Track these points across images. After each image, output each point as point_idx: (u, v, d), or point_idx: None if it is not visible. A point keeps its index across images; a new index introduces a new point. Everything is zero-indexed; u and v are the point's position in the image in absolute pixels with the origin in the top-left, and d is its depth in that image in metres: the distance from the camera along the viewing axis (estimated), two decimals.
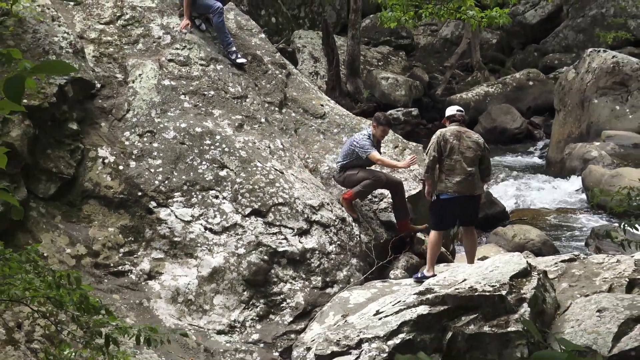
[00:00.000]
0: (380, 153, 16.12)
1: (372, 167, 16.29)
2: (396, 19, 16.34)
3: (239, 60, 17.30)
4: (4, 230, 13.66)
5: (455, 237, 16.99)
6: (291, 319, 14.51)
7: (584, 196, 22.97)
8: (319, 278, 14.94)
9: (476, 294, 12.93)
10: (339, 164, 16.18)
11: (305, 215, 15.35)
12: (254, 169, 15.65)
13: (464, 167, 14.96)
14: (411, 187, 16.85)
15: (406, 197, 16.66)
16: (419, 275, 14.68)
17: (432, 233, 15.34)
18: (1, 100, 4.63)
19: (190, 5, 17.34)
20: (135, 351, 11.33)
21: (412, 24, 18.52)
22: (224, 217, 15.11)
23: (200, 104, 16.32)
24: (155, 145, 15.58)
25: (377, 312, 13.38)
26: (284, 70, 18.51)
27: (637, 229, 12.83)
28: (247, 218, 15.14)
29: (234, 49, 17.31)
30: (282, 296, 14.67)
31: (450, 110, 15.72)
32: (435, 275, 14.29)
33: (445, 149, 14.99)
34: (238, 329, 14.28)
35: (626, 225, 12.67)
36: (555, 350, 3.59)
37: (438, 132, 15.29)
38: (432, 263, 14.93)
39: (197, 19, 17.66)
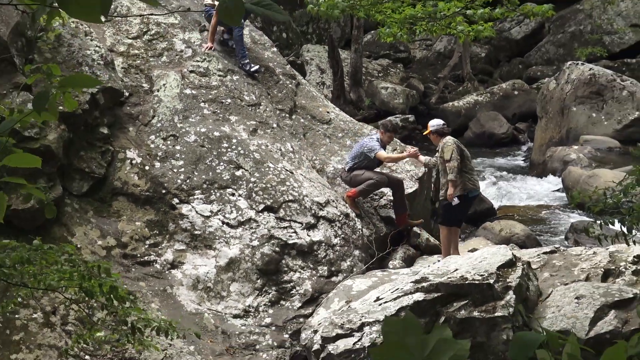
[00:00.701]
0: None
1: (377, 169, 16.27)
2: (392, 34, 16.29)
3: (253, 69, 17.27)
4: (41, 224, 13.66)
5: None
6: (300, 304, 14.50)
7: (563, 195, 22.96)
8: (325, 268, 14.93)
9: (466, 282, 12.97)
10: (348, 165, 16.15)
11: (313, 211, 15.35)
12: (267, 169, 15.65)
13: (474, 168, 15.35)
14: (408, 186, 16.80)
15: (413, 191, 16.69)
16: None
17: (448, 229, 15.49)
18: (33, 112, 4.62)
19: (218, 23, 17.33)
20: (159, 335, 11.33)
21: (407, 39, 18.42)
22: (240, 212, 15.11)
23: (218, 111, 16.32)
24: (178, 147, 15.58)
25: (378, 299, 13.38)
26: (293, 81, 18.49)
27: (613, 225, 12.83)
28: (260, 213, 15.14)
29: (247, 60, 17.27)
30: (291, 284, 14.66)
31: (437, 124, 15.83)
32: None
33: (462, 153, 15.20)
34: (252, 314, 14.27)
35: (603, 222, 12.66)
36: (537, 331, 3.56)
37: (451, 140, 15.44)
38: (447, 254, 15.16)
39: (224, 33, 17.64)
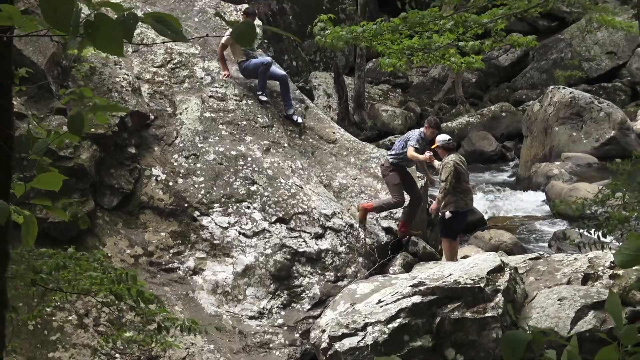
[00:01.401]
0: (427, 151, 16.04)
1: (407, 179, 16.18)
2: (392, 64, 16.30)
3: (263, 99, 17.25)
4: (75, 235, 13.68)
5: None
6: (309, 306, 14.49)
7: (547, 206, 22.92)
8: (332, 273, 14.92)
9: (460, 286, 13.02)
10: (391, 157, 16.18)
11: (321, 222, 15.34)
12: (279, 184, 15.65)
13: (470, 187, 15.41)
14: (407, 200, 16.79)
15: (402, 207, 16.64)
16: None
17: (449, 241, 15.63)
18: (66, 133, 4.61)
19: (243, 71, 17.31)
20: (182, 334, 11.33)
21: (405, 68, 18.45)
22: (255, 223, 15.10)
23: (235, 132, 16.32)
24: (199, 165, 15.59)
25: (379, 301, 13.38)
26: (302, 104, 18.47)
27: (590, 233, 12.83)
28: (273, 224, 15.14)
29: (260, 92, 17.23)
30: (301, 288, 14.65)
31: (443, 140, 15.86)
32: None
33: (460, 175, 15.27)
34: (266, 315, 14.26)
35: (581, 228, 12.65)
36: (524, 331, 3.57)
37: (451, 162, 15.52)
38: (451, 259, 15.24)
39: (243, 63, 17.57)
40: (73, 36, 3.08)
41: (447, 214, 15.55)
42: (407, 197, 16.16)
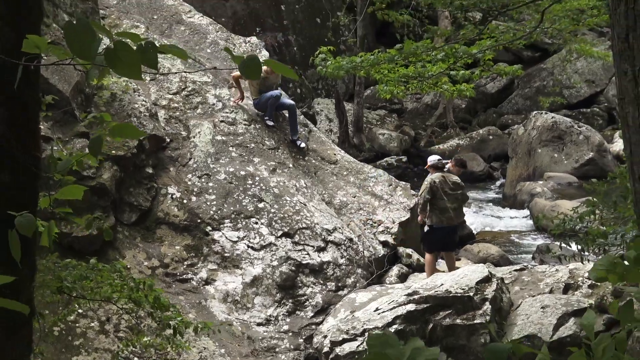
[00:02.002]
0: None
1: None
2: (390, 91, 16.33)
3: (270, 123, 17.24)
4: (98, 248, 13.69)
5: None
6: (312, 314, 14.48)
7: (531, 222, 22.90)
8: (333, 283, 14.91)
9: (450, 295, 13.03)
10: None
11: (323, 237, 15.34)
12: (284, 202, 15.66)
13: (448, 205, 15.22)
14: (402, 216, 16.79)
15: (398, 222, 16.62)
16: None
17: (428, 255, 15.51)
18: (85, 153, 4.62)
19: (256, 106, 17.29)
20: (196, 338, 11.33)
21: (402, 95, 18.48)
22: (262, 238, 15.11)
23: (244, 154, 16.34)
24: (211, 184, 15.60)
25: (377, 309, 13.38)
26: (306, 128, 18.50)
27: (570, 246, 12.84)
28: (279, 239, 15.14)
29: (267, 117, 17.22)
30: (305, 297, 14.64)
31: (433, 160, 15.85)
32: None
33: (435, 193, 15.19)
34: (272, 322, 14.25)
35: (562, 243, 12.67)
36: (505, 342, 3.57)
37: (429, 179, 15.47)
38: (430, 274, 15.08)
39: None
40: (94, 65, 3.09)
41: (426, 227, 15.53)
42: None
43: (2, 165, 5.12)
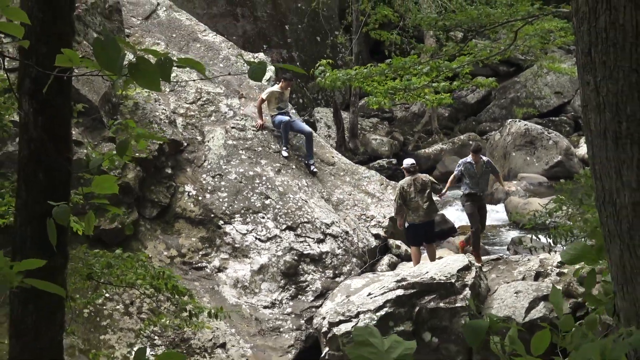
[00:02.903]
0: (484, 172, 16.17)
1: (481, 210, 16.19)
2: (378, 102, 16.37)
3: (284, 154, 16.97)
4: (123, 239, 13.70)
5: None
6: (312, 298, 14.48)
7: (506, 217, 22.87)
8: (331, 271, 14.91)
9: (435, 281, 13.06)
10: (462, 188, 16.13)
11: (322, 230, 15.34)
12: (288, 199, 15.65)
13: (420, 204, 15.13)
14: (392, 212, 16.76)
15: (388, 217, 16.60)
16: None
17: (412, 248, 15.53)
18: (114, 154, 4.63)
19: (272, 123, 17.10)
20: (209, 320, 11.32)
21: (389, 105, 18.52)
22: (268, 231, 15.11)
23: (252, 156, 16.34)
24: (223, 183, 15.61)
25: (369, 294, 13.38)
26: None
27: (540, 239, 12.87)
28: (283, 231, 15.14)
29: (284, 148, 16.94)
30: (306, 283, 14.64)
31: (406, 164, 15.76)
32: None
33: (406, 196, 15.13)
34: (277, 305, 14.25)
35: (534, 236, 12.69)
36: (484, 319, 3.57)
37: (399, 185, 15.41)
38: (416, 264, 15.07)
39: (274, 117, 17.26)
40: (119, 77, 3.11)
41: (406, 224, 15.50)
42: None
43: (38, 165, 5.13)
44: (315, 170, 17.02)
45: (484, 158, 16.23)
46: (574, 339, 3.89)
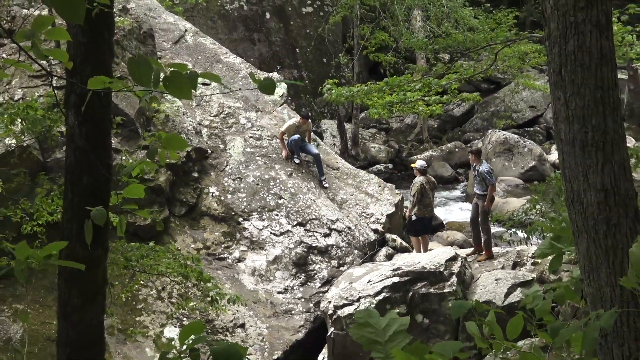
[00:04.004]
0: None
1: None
2: (378, 113, 16.42)
3: (296, 161, 16.78)
4: (156, 234, 13.71)
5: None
6: (320, 284, 14.47)
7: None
8: (336, 261, 14.90)
9: (426, 270, 13.07)
10: (480, 191, 15.05)
11: (328, 225, 15.33)
12: (299, 198, 15.65)
13: (431, 201, 15.32)
14: (388, 209, 16.76)
15: (386, 214, 16.58)
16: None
17: (414, 238, 15.65)
18: (145, 160, 4.64)
19: (288, 145, 16.88)
20: (230, 304, 11.36)
21: (387, 116, 18.57)
22: (281, 226, 15.10)
23: (268, 162, 16.34)
24: (242, 185, 15.61)
25: (369, 281, 13.38)
26: (316, 142, 18.46)
27: (517, 233, 12.87)
28: (294, 227, 15.13)
29: (296, 156, 16.74)
30: (314, 272, 14.63)
31: (420, 165, 15.79)
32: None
33: (423, 192, 15.22)
34: (289, 291, 14.25)
35: (511, 231, 12.69)
36: (468, 301, 3.58)
37: (419, 183, 15.41)
38: (418, 251, 15.18)
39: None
40: (147, 94, 3.14)
41: (414, 217, 15.52)
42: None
43: (82, 170, 5.15)
44: (326, 185, 16.86)
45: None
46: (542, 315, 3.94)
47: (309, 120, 17.63)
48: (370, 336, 2.95)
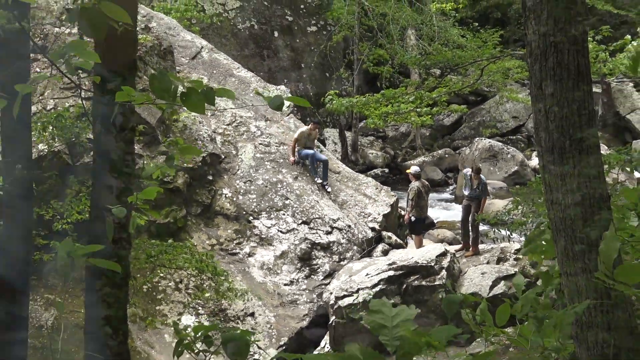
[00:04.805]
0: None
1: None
2: (375, 122, 16.47)
3: (318, 181, 16.72)
4: (174, 231, 13.71)
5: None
6: (322, 277, 14.46)
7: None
8: (337, 256, 14.88)
9: (418, 264, 13.05)
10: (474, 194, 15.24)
11: (330, 224, 15.32)
12: (303, 200, 15.64)
13: (426, 203, 15.45)
14: (385, 210, 16.74)
15: (382, 214, 16.56)
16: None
17: (416, 236, 15.73)
18: (163, 165, 4.64)
19: (299, 154, 16.77)
20: (243, 295, 11.39)
21: (383, 125, 18.60)
22: (287, 224, 15.09)
23: (275, 166, 16.33)
24: (252, 187, 15.60)
25: (367, 274, 13.36)
26: (319, 149, 18.45)
27: (501, 231, 12.86)
28: (299, 225, 15.12)
29: (316, 177, 16.64)
30: (317, 266, 14.62)
31: (415, 170, 15.88)
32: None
33: (420, 195, 15.29)
34: (295, 283, 14.24)
35: (496, 229, 12.67)
36: (457, 295, 3.60)
37: (416, 187, 15.54)
38: (418, 247, 15.24)
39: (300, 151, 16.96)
40: (168, 106, 3.14)
41: (413, 218, 15.57)
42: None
43: (108, 173, 5.15)
44: (329, 190, 16.80)
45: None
46: (524, 309, 3.97)
47: (319, 126, 17.65)
48: (380, 322, 2.99)
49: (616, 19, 31.17)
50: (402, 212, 17.11)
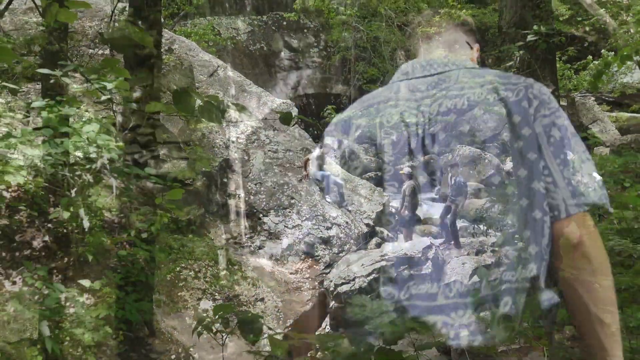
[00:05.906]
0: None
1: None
2: None
3: (329, 200, 16.83)
4: (194, 227, 13.70)
5: None
6: (323, 267, 14.45)
7: None
8: (336, 249, 14.88)
9: (407, 256, 12.92)
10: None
11: (330, 221, 15.31)
12: (307, 199, 15.64)
13: (418, 201, 15.26)
14: (378, 208, 16.72)
15: (375, 212, 16.56)
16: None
17: (405, 230, 15.58)
18: (185, 170, 4.67)
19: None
20: (253, 283, 11.37)
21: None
22: (293, 221, 15.09)
23: (282, 170, 16.33)
24: (262, 188, 15.59)
25: (362, 264, 13.29)
26: None
27: (479, 227, 12.84)
28: (304, 222, 15.12)
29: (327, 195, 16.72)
30: (319, 257, 14.61)
31: (407, 171, 15.77)
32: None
33: (414, 192, 15.18)
34: (299, 272, 14.23)
35: (475, 224, 12.67)
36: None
37: (410, 186, 15.33)
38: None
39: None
40: (191, 116, 3.15)
41: (407, 213, 15.52)
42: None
43: (136, 176, 5.14)
44: (350, 209, 16.78)
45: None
46: None
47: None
48: (364, 313, 2.98)
49: (581, 40, 31.10)
50: (393, 210, 17.09)
